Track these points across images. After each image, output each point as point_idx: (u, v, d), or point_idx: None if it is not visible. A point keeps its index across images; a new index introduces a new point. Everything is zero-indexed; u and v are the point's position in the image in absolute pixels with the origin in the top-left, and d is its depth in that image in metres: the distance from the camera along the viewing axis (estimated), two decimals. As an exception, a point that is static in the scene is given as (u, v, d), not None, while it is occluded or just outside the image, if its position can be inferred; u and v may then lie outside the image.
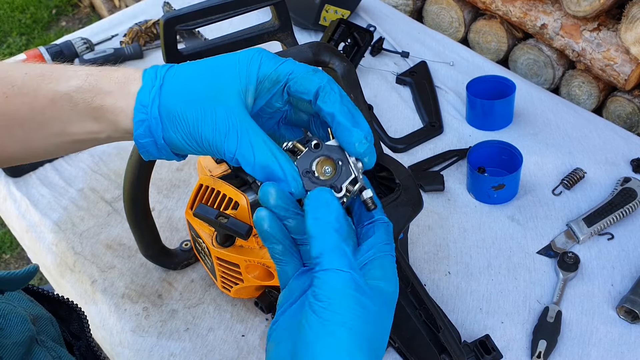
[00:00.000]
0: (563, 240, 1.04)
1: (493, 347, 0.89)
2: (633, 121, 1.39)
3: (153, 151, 0.58)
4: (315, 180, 0.54)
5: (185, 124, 0.54)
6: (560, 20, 1.41)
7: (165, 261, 1.04)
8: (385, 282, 0.51)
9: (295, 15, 1.49)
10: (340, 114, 0.54)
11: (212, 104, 0.54)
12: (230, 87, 0.55)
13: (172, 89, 0.55)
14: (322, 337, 0.47)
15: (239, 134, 0.53)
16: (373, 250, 0.52)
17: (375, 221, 0.54)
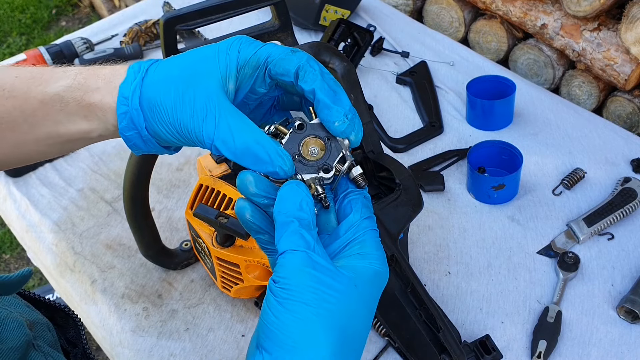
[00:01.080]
0: (563, 240, 1.04)
1: (493, 347, 0.88)
2: (633, 121, 1.38)
3: (140, 144, 0.57)
4: (306, 163, 0.53)
5: (165, 112, 0.54)
6: (561, 20, 1.41)
7: (165, 261, 1.04)
8: (362, 260, 0.50)
9: (295, 15, 1.49)
10: (320, 91, 0.53)
11: (190, 90, 0.53)
12: (209, 73, 0.54)
13: (152, 80, 0.55)
14: (282, 316, 0.47)
15: (217, 118, 0.52)
16: (352, 230, 0.51)
17: (350, 194, 0.53)
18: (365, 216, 0.52)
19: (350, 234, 0.51)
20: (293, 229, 0.49)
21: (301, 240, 0.49)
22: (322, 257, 0.48)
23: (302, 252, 0.48)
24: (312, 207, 0.51)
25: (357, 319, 0.49)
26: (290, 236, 0.49)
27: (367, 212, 0.53)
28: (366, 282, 0.50)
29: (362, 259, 0.50)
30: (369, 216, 0.53)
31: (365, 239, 0.51)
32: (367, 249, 0.51)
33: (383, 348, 0.92)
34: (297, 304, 0.47)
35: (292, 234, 0.49)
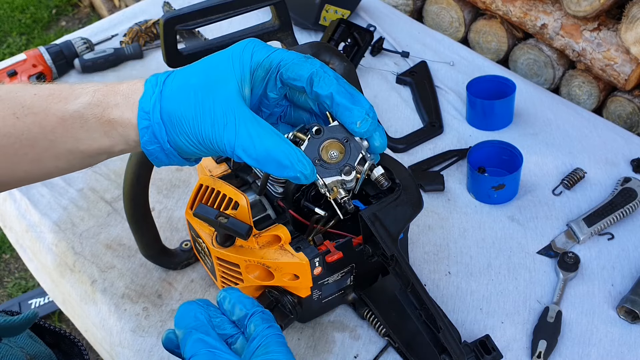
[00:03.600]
0: (563, 240, 1.04)
1: (493, 347, 0.88)
2: (633, 121, 1.38)
3: (162, 157, 0.58)
4: (327, 166, 0.52)
5: (187, 124, 0.54)
6: (561, 20, 1.41)
7: (165, 261, 1.04)
8: (265, 356, 0.54)
9: (296, 15, 1.49)
10: (338, 95, 0.53)
11: (208, 99, 0.54)
12: (226, 80, 0.55)
13: (171, 92, 0.56)
14: None
15: (237, 125, 0.52)
16: (256, 340, 0.55)
17: (250, 317, 0.57)
18: (266, 326, 0.56)
19: (255, 343, 0.55)
20: (194, 337, 0.53)
21: (201, 343, 0.53)
22: (226, 352, 0.52)
23: (205, 353, 0.52)
24: (205, 315, 0.55)
25: None
26: (192, 344, 0.53)
27: (267, 324, 0.56)
28: None
29: (265, 354, 0.54)
30: (270, 325, 0.56)
31: (269, 342, 0.55)
32: (271, 348, 0.54)
33: (383, 348, 0.92)
34: None
35: (193, 342, 0.53)
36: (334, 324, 0.96)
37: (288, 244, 0.85)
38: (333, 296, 0.92)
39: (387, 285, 0.93)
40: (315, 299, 0.90)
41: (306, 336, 0.94)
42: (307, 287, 0.87)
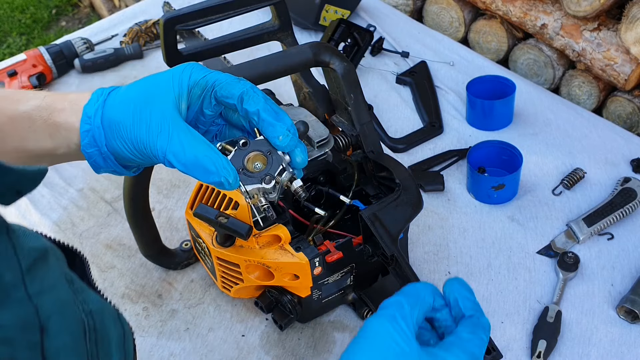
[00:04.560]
0: (563, 240, 1.04)
1: (493, 347, 0.88)
2: (633, 121, 1.38)
3: (100, 161, 0.62)
4: (250, 175, 0.58)
5: (124, 129, 0.59)
6: (561, 20, 1.41)
7: (165, 261, 1.04)
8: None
9: (295, 15, 1.49)
10: (264, 112, 0.59)
11: (146, 109, 0.59)
12: (164, 94, 0.60)
13: (113, 101, 0.61)
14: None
15: (170, 133, 0.57)
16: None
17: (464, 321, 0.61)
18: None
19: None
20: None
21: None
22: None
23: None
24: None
25: None
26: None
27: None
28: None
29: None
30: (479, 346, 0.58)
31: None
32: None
33: (383, 348, 0.92)
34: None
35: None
36: (334, 323, 0.96)
37: (288, 244, 0.85)
38: (333, 296, 0.92)
39: (387, 285, 0.93)
40: (315, 298, 0.90)
41: (306, 336, 0.94)
42: (307, 287, 0.87)
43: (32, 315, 0.42)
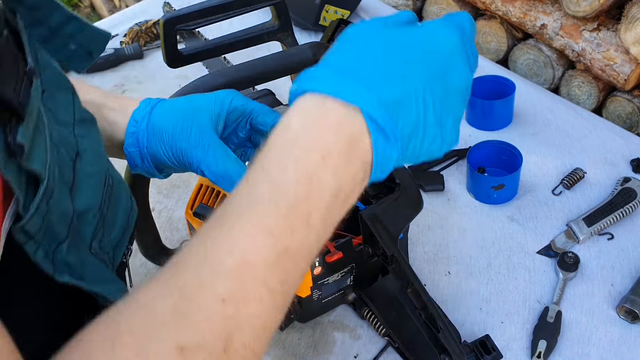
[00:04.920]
0: (563, 240, 1.04)
1: (493, 347, 0.89)
2: (633, 121, 1.39)
3: (137, 161, 0.70)
4: None
5: (167, 136, 0.68)
6: (560, 21, 1.41)
7: (165, 261, 1.03)
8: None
9: (295, 16, 1.49)
10: None
11: (189, 122, 0.67)
12: (205, 111, 0.68)
13: (160, 110, 0.69)
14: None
15: (206, 146, 0.66)
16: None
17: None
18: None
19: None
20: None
21: None
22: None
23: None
24: None
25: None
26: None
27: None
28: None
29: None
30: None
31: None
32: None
33: (383, 348, 0.92)
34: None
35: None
36: (334, 323, 0.96)
37: (288, 244, 0.85)
38: (333, 296, 0.92)
39: (387, 285, 0.93)
40: (315, 298, 0.90)
41: (306, 336, 0.94)
42: (307, 287, 0.87)
43: (73, 141, 0.55)
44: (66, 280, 0.49)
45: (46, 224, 0.46)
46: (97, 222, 0.57)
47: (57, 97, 0.56)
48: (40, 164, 0.45)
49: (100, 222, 0.58)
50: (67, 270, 0.49)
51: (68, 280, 0.49)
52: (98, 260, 0.56)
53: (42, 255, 0.46)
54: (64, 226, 0.50)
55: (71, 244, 0.51)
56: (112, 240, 0.61)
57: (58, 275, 0.48)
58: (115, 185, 0.62)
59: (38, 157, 0.44)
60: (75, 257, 0.51)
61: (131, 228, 0.65)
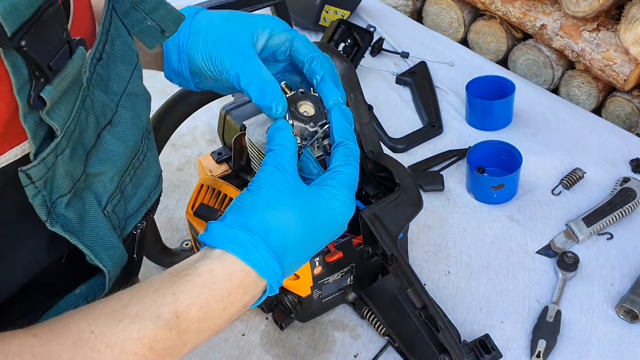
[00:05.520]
0: (562, 240, 1.05)
1: (493, 347, 0.89)
2: (632, 121, 1.39)
3: (174, 58, 0.70)
4: (298, 116, 0.65)
5: (207, 40, 0.68)
6: (560, 21, 1.42)
7: (166, 261, 1.04)
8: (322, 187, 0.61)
9: (296, 16, 1.49)
10: (328, 76, 0.67)
11: (231, 33, 0.68)
12: (248, 27, 0.69)
13: (205, 15, 0.70)
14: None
15: (244, 56, 0.66)
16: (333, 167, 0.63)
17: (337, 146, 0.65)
18: (343, 163, 0.63)
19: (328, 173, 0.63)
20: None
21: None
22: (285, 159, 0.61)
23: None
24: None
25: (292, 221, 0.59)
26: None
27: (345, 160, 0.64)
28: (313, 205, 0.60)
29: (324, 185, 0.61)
30: (346, 163, 0.63)
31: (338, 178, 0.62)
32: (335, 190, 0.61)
33: (383, 347, 0.92)
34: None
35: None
36: (334, 323, 0.96)
37: (288, 243, 0.85)
38: (333, 296, 0.92)
39: (387, 285, 0.93)
40: (315, 298, 0.90)
41: (306, 335, 0.95)
42: (307, 287, 0.87)
43: (112, 110, 0.59)
44: (56, 230, 0.52)
45: (50, 175, 0.50)
46: (114, 187, 0.60)
47: (116, 67, 0.59)
48: (60, 121, 0.49)
49: (119, 189, 0.61)
50: (60, 221, 0.53)
51: (58, 230, 0.52)
52: (110, 223, 0.59)
53: (40, 200, 0.50)
54: (68, 182, 0.53)
55: (74, 200, 0.54)
56: (128, 210, 0.64)
57: (50, 223, 0.51)
58: (146, 163, 0.65)
59: (59, 115, 0.48)
60: (75, 213, 0.54)
61: (148, 205, 0.67)
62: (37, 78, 0.45)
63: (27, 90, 0.45)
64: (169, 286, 0.54)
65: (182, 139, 1.29)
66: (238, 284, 0.56)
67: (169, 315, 0.52)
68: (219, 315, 0.56)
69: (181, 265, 0.57)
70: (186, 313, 0.53)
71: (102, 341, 0.49)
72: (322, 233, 0.61)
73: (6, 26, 0.41)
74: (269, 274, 0.57)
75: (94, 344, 0.49)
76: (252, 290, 0.57)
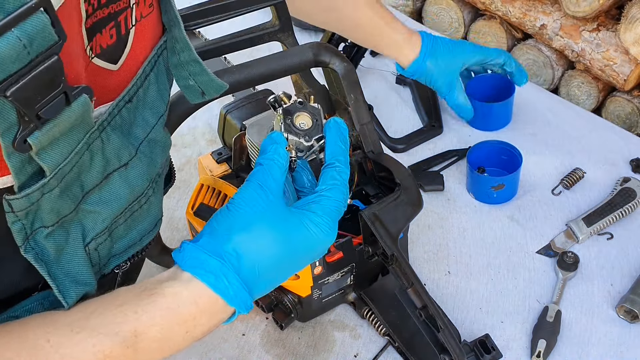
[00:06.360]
0: (562, 240, 1.05)
1: (493, 347, 0.89)
2: (632, 121, 1.39)
3: None
4: (293, 129, 0.64)
5: (430, 73, 1.17)
6: (560, 21, 1.42)
7: (166, 261, 1.04)
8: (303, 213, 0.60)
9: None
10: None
11: (448, 69, 1.16)
12: (461, 61, 1.18)
13: (432, 53, 1.16)
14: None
15: (452, 86, 1.19)
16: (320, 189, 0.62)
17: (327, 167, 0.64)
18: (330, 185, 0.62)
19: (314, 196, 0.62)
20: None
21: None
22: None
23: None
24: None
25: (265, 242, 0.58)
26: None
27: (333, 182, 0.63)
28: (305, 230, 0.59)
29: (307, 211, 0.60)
30: (334, 185, 0.62)
31: (321, 203, 0.61)
32: (319, 213, 0.60)
33: (383, 347, 0.92)
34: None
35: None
36: (334, 323, 0.96)
37: (288, 243, 0.85)
38: (333, 295, 0.92)
39: (387, 285, 0.93)
40: (315, 298, 0.90)
41: (306, 335, 0.95)
42: (307, 287, 0.87)
43: (130, 154, 0.59)
44: (28, 257, 0.52)
45: (34, 208, 0.50)
46: (104, 227, 0.59)
47: (143, 112, 0.61)
48: (51, 163, 0.49)
49: (108, 229, 0.60)
50: (36, 249, 0.53)
51: (30, 258, 0.52)
52: (89, 259, 0.58)
53: (19, 227, 0.50)
54: (53, 217, 0.53)
55: (58, 231, 0.54)
56: (113, 250, 0.63)
57: (24, 249, 0.52)
58: (146, 206, 0.64)
59: (51, 157, 0.48)
60: (55, 244, 0.54)
61: (137, 248, 0.66)
62: (27, 123, 0.45)
63: (13, 133, 0.44)
64: (132, 304, 0.54)
65: (182, 139, 1.29)
66: (203, 309, 0.56)
67: (127, 334, 0.52)
68: (181, 337, 0.56)
69: (150, 282, 0.56)
70: (146, 333, 0.53)
71: (57, 351, 0.50)
72: (297, 259, 0.60)
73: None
74: (237, 302, 0.56)
75: (47, 352, 0.49)
76: (218, 315, 0.57)
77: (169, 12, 0.60)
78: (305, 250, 0.60)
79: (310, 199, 0.61)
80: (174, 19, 0.60)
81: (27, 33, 0.41)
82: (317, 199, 0.61)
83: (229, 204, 0.59)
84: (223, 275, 0.55)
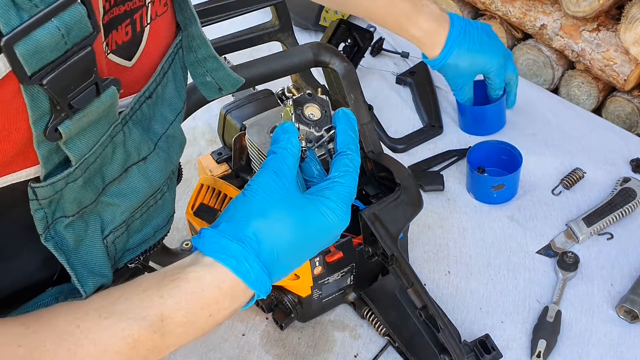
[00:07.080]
0: (563, 240, 1.05)
1: (493, 347, 0.89)
2: (632, 121, 1.39)
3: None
4: (304, 119, 0.66)
5: (446, 75, 1.19)
6: (560, 21, 1.42)
7: (166, 261, 1.04)
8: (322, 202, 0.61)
9: (296, 16, 1.49)
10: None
11: (464, 72, 1.18)
12: (478, 68, 1.15)
13: (454, 55, 1.15)
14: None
15: (462, 88, 1.18)
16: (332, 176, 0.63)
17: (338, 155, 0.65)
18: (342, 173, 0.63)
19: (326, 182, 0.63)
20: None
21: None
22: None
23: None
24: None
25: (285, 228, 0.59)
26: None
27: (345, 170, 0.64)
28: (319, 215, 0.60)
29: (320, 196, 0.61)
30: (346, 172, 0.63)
31: (335, 190, 0.62)
32: (333, 201, 0.61)
33: (383, 347, 0.92)
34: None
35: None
36: (334, 323, 0.96)
37: (288, 243, 0.85)
38: (333, 296, 0.92)
39: (387, 285, 0.93)
40: (315, 298, 0.90)
41: (306, 335, 0.95)
42: (307, 287, 0.87)
43: (149, 149, 0.60)
44: (48, 246, 0.53)
45: (57, 197, 0.52)
46: (122, 220, 0.60)
47: (162, 108, 0.62)
48: (78, 153, 0.50)
49: (126, 223, 0.61)
50: (55, 239, 0.54)
51: (50, 247, 0.53)
52: (106, 252, 0.60)
53: (41, 215, 0.52)
54: (74, 207, 0.54)
55: (77, 221, 0.55)
56: (129, 244, 0.64)
57: (44, 238, 0.53)
58: (161, 202, 0.66)
59: (77, 147, 0.50)
60: (74, 234, 0.55)
61: (151, 242, 0.67)
62: (58, 112, 0.46)
63: (45, 121, 0.46)
64: (157, 289, 0.54)
65: (182, 139, 1.29)
66: (226, 293, 0.56)
67: (154, 318, 0.53)
68: (204, 321, 0.56)
69: (172, 268, 0.57)
70: (172, 317, 0.54)
71: (87, 336, 0.50)
72: (314, 244, 0.62)
73: (26, 66, 0.42)
74: (258, 285, 0.57)
75: (78, 338, 0.50)
76: (239, 299, 0.58)
77: (185, 10, 0.61)
78: (321, 235, 0.61)
79: (324, 186, 0.62)
80: (191, 16, 0.61)
81: (66, 23, 0.42)
82: (331, 185, 0.62)
83: (245, 190, 0.60)
84: (244, 259, 0.56)
